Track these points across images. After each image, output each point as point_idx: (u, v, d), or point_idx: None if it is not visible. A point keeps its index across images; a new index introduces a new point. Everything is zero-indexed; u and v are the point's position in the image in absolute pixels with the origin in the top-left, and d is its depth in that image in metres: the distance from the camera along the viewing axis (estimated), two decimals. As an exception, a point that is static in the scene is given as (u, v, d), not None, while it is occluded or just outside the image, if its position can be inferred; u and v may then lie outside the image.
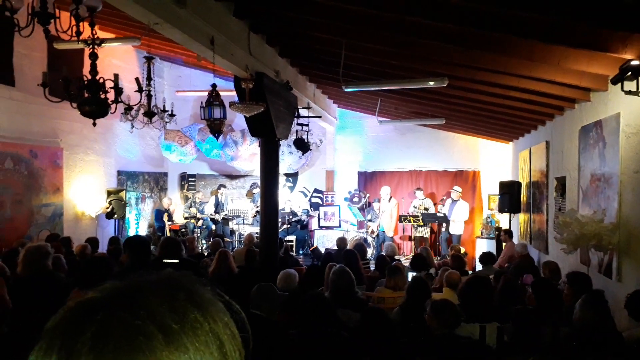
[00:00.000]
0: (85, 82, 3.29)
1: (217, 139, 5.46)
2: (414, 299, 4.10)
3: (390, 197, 11.34)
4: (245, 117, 6.07)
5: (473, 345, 3.31)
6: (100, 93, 3.30)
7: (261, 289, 3.64)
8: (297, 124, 8.47)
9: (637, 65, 3.60)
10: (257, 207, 10.31)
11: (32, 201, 7.76)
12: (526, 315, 3.80)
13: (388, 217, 11.15)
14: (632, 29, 3.46)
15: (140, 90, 4.74)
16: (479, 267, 8.15)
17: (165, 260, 4.22)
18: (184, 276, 0.67)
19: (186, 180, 12.43)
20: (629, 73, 3.65)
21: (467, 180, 11.56)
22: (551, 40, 4.10)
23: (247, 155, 11.33)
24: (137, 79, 4.85)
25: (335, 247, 8.22)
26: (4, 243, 6.76)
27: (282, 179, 11.52)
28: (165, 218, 10.89)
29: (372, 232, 11.23)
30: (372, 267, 7.74)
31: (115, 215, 9.39)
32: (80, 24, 3.24)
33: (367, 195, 11.59)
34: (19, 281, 3.87)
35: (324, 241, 11.23)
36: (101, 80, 3.32)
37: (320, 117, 9.86)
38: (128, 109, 4.80)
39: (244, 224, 11.38)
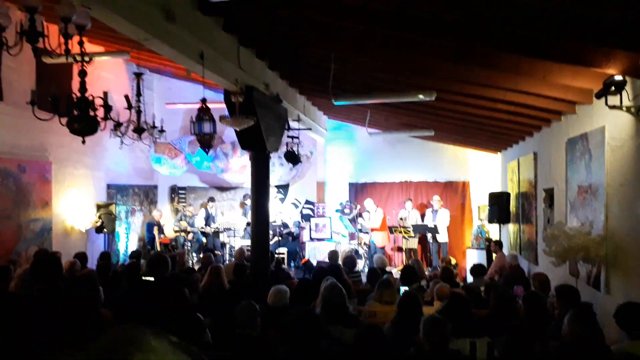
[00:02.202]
0: (75, 100, 3.28)
1: (207, 153, 5.46)
2: (405, 313, 4.10)
3: (377, 208, 11.39)
4: (235, 130, 6.08)
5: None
6: (90, 110, 3.29)
7: (243, 309, 3.64)
8: (288, 136, 8.48)
9: (620, 80, 3.67)
10: (249, 219, 10.28)
11: (21, 216, 7.68)
12: (517, 330, 3.82)
13: (376, 227, 11.22)
14: (615, 45, 3.53)
15: (129, 107, 4.73)
16: (470, 278, 8.18)
17: (143, 278, 4.21)
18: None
19: (176, 192, 12.37)
20: (613, 88, 3.71)
21: (456, 191, 11.64)
22: (536, 55, 4.17)
23: (237, 167, 11.32)
24: (126, 96, 4.84)
25: (327, 260, 8.21)
26: (-9, 259, 6.67)
27: (273, 191, 11.51)
28: (156, 231, 10.82)
29: (365, 243, 11.25)
30: (364, 279, 7.73)
31: (105, 230, 9.32)
32: (70, 41, 3.24)
33: (358, 206, 11.62)
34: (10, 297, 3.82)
35: (316, 253, 11.20)
36: (90, 98, 3.32)
37: (310, 129, 9.89)
38: (117, 125, 4.79)
39: (234, 236, 11.34)
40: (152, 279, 4.08)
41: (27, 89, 7.43)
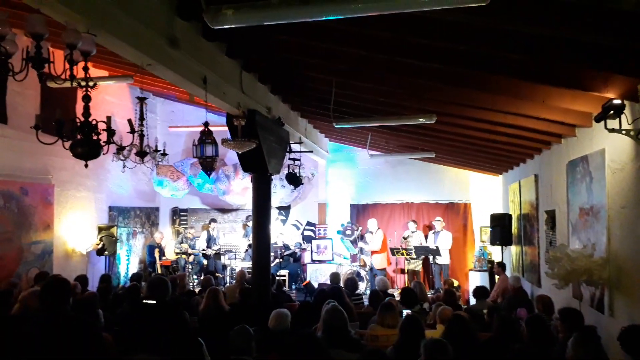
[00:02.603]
0: (78, 124, 3.32)
1: (209, 175, 5.49)
2: (408, 337, 4.06)
3: (377, 230, 11.35)
4: (237, 153, 6.12)
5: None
6: (93, 135, 3.33)
7: (237, 334, 3.62)
8: (289, 159, 8.53)
9: (618, 104, 3.70)
10: (250, 240, 10.27)
11: (22, 239, 7.68)
12: (521, 353, 3.78)
13: (376, 249, 11.16)
14: (613, 70, 3.57)
15: (132, 131, 4.78)
16: (472, 301, 8.11)
17: (144, 302, 4.20)
18: None
19: (178, 215, 12.37)
20: (611, 112, 3.75)
21: (458, 212, 11.63)
22: (535, 79, 4.23)
23: (239, 189, 11.35)
24: (129, 121, 4.89)
25: (329, 282, 8.16)
26: (-9, 282, 6.66)
27: (274, 212, 11.51)
28: (157, 254, 10.79)
29: (366, 265, 11.20)
30: (366, 301, 7.68)
31: (106, 252, 9.29)
32: (75, 66, 3.29)
33: (360, 228, 11.59)
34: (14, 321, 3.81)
35: (317, 275, 11.14)
36: (94, 122, 3.36)
37: (312, 151, 9.95)
38: (120, 149, 4.84)
39: (235, 258, 11.29)
40: (153, 302, 4.06)
41: (31, 112, 7.54)
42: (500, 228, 9.22)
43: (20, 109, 7.58)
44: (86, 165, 3.45)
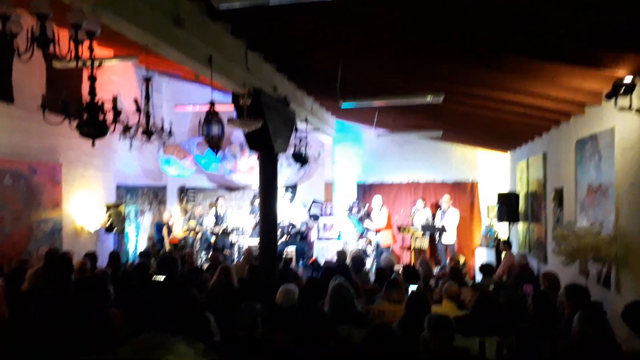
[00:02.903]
0: (84, 104, 3.33)
1: (216, 154, 5.49)
2: (413, 313, 4.11)
3: (381, 207, 11.36)
4: (243, 132, 6.12)
5: (467, 358, 3.33)
6: (99, 114, 3.34)
7: (244, 310, 3.67)
8: (295, 138, 8.51)
9: (629, 82, 3.65)
10: (257, 218, 10.33)
11: (32, 217, 7.77)
12: (527, 330, 3.81)
13: (381, 227, 11.18)
14: (624, 48, 3.51)
15: (138, 111, 4.78)
16: (479, 277, 8.17)
17: (153, 279, 4.27)
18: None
19: (185, 193, 12.44)
20: (622, 90, 3.70)
21: (465, 190, 11.60)
22: (545, 57, 4.16)
23: (245, 168, 11.37)
24: (135, 101, 4.89)
25: (335, 259, 8.23)
26: (4, 260, 6.76)
27: (280, 191, 11.55)
28: (165, 231, 10.89)
29: (372, 243, 11.25)
30: (372, 278, 7.75)
31: (115, 229, 9.40)
32: (80, 46, 3.28)
33: (367, 204, 11.61)
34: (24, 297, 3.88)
35: (324, 252, 11.23)
36: (100, 102, 3.36)
37: (318, 130, 9.92)
38: (126, 128, 4.85)
39: (243, 235, 11.40)
40: (161, 279, 4.12)
41: (37, 92, 7.51)
42: (507, 206, 9.23)
43: (26, 88, 7.58)
44: (93, 144, 3.47)
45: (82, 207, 9.01)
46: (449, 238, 10.73)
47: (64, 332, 2.32)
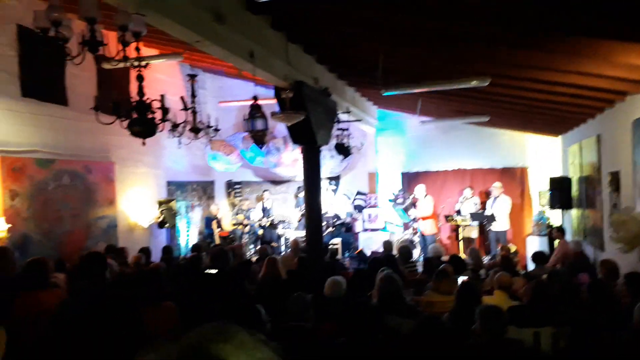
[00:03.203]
0: (134, 104, 3.44)
1: (261, 149, 5.57)
2: (464, 304, 4.04)
3: (426, 195, 11.17)
4: (286, 125, 6.16)
5: (524, 351, 3.24)
6: (148, 113, 3.44)
7: (294, 301, 3.71)
8: (338, 129, 8.49)
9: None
10: (302, 211, 10.41)
11: (89, 214, 8.14)
12: (584, 320, 3.68)
13: (426, 215, 11.01)
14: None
15: (185, 108, 4.90)
16: (531, 266, 7.93)
17: (206, 271, 4.39)
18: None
19: (232, 187, 12.70)
20: (684, 64, 3.47)
21: (514, 177, 11.26)
22: (597, 35, 3.96)
23: (289, 161, 11.46)
24: (182, 98, 5.01)
25: (381, 250, 8.20)
26: (65, 255, 7.11)
27: (324, 183, 11.58)
28: (214, 225, 11.16)
29: (417, 232, 11.13)
30: (420, 269, 7.67)
31: (167, 225, 9.71)
32: (127, 48, 3.39)
33: (412, 195, 11.47)
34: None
35: (370, 243, 11.19)
36: (148, 101, 3.47)
37: (360, 120, 9.85)
38: (175, 126, 4.98)
39: (289, 228, 11.53)
40: (214, 271, 4.23)
41: (89, 93, 7.85)
42: (560, 191, 8.92)
43: (78, 91, 7.91)
44: (144, 143, 3.59)
45: (135, 203, 9.35)
46: (500, 225, 10.43)
47: (93, 331, 2.40)
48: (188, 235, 11.21)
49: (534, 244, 10.00)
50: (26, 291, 3.65)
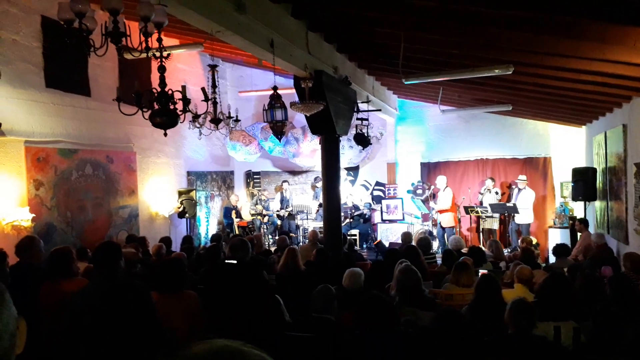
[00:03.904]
0: (155, 95, 3.46)
1: (280, 140, 5.56)
2: (483, 296, 4.01)
3: (445, 187, 11.04)
4: (305, 115, 6.15)
5: (548, 346, 3.20)
6: (170, 104, 3.46)
7: (319, 293, 3.72)
8: (357, 119, 8.45)
9: None
10: (320, 201, 10.43)
11: (111, 204, 8.27)
12: (606, 314, 3.61)
13: (445, 207, 10.88)
14: None
15: (206, 99, 4.91)
16: (552, 259, 7.82)
17: (226, 261, 4.42)
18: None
19: (251, 177, 12.77)
20: None
21: (537, 167, 11.08)
22: (625, 21, 3.84)
23: (308, 151, 11.46)
24: (203, 89, 5.03)
25: (400, 241, 8.16)
26: (87, 244, 7.24)
27: (343, 173, 11.56)
28: (234, 215, 11.25)
29: (436, 223, 11.04)
30: (439, 260, 7.63)
31: (187, 214, 9.81)
32: (149, 39, 3.41)
33: (432, 186, 11.37)
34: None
35: (388, 234, 11.17)
36: (170, 92, 3.48)
37: (380, 110, 9.78)
38: (195, 117, 5.00)
39: (307, 219, 11.55)
40: (234, 262, 4.26)
41: (110, 84, 7.95)
42: (584, 182, 8.75)
43: (100, 81, 8.01)
44: (165, 134, 3.61)
45: (155, 193, 9.47)
46: (524, 218, 10.26)
47: (105, 323, 2.42)
48: (208, 225, 11.32)
49: (556, 236, 9.85)
50: (51, 280, 3.72)
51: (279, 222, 11.81)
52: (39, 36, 6.89)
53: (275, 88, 5.30)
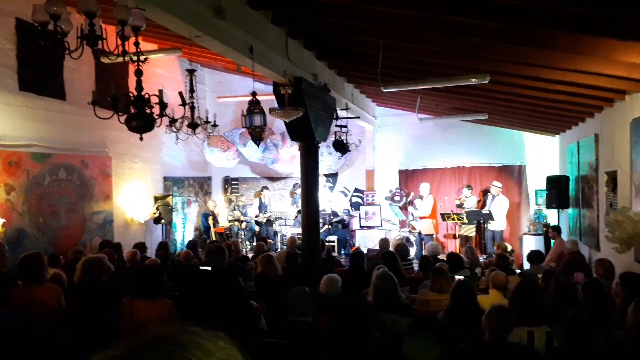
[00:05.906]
0: (132, 99, 3.42)
1: (258, 145, 5.55)
2: (459, 302, 4.05)
3: (429, 194, 11.14)
4: (284, 121, 6.14)
5: (523, 352, 3.24)
6: (146, 108, 3.43)
7: (295, 296, 3.70)
8: (336, 126, 8.48)
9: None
10: (299, 207, 10.40)
11: (85, 209, 8.11)
12: (578, 319, 3.68)
13: (425, 215, 10.98)
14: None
15: (184, 104, 4.88)
16: (526, 265, 7.95)
17: (201, 268, 4.39)
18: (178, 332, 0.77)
19: (229, 183, 12.68)
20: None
21: (512, 175, 11.27)
22: (597, 33, 3.95)
23: (287, 157, 11.45)
24: (180, 94, 5.00)
25: (377, 247, 8.20)
26: (60, 250, 7.09)
27: (322, 180, 11.57)
28: (211, 221, 11.15)
29: (415, 230, 11.12)
30: (416, 267, 7.68)
31: (163, 220, 9.69)
32: (126, 42, 3.38)
33: (412, 194, 11.46)
34: (75, 289, 4.07)
35: (366, 241, 11.20)
36: (146, 96, 3.45)
37: (359, 117, 9.84)
38: (172, 121, 4.96)
39: (286, 225, 11.52)
40: (209, 268, 4.22)
41: (87, 88, 7.83)
42: (557, 190, 8.93)
43: (76, 85, 7.88)
44: (141, 139, 3.57)
45: (131, 199, 9.33)
46: (497, 225, 10.42)
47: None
48: (184, 231, 11.19)
49: (530, 242, 10.02)
50: (23, 285, 3.63)
51: (257, 228, 11.75)
52: (13, 38, 6.76)
53: (254, 94, 5.29)
